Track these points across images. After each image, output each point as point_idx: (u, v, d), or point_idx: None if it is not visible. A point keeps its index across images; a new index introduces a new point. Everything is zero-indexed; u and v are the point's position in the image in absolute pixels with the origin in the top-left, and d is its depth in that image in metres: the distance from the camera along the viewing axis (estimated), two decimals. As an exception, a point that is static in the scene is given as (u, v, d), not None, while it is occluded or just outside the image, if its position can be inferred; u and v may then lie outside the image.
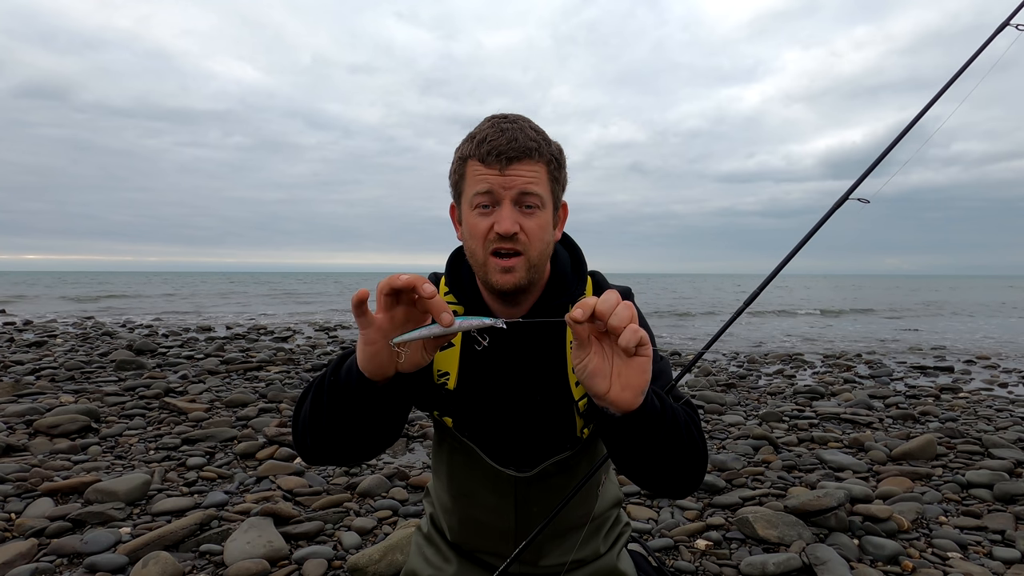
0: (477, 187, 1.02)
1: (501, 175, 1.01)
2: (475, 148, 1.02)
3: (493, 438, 1.17)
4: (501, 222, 1.01)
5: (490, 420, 1.16)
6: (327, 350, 9.83)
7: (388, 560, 2.43)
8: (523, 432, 1.15)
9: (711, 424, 5.14)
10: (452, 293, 1.18)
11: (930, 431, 4.79)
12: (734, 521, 2.94)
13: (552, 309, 1.14)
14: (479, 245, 1.04)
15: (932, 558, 2.64)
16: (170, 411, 5.17)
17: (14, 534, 2.75)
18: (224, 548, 2.60)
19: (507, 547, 1.22)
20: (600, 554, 1.30)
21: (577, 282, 1.18)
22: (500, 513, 1.21)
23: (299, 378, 7.04)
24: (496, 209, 1.02)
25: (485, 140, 1.01)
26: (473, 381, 1.15)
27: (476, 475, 1.20)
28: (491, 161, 1.01)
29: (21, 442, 4.10)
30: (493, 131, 1.02)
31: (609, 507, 1.33)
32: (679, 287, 53.34)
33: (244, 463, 3.91)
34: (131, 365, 7.42)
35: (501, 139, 1.01)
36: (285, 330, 13.50)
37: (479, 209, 1.03)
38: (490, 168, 1.01)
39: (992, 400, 6.33)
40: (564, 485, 1.18)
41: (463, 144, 1.07)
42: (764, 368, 8.85)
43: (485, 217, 1.03)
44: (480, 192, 1.02)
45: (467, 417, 1.17)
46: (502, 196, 1.01)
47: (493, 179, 1.01)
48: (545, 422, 1.14)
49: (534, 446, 1.15)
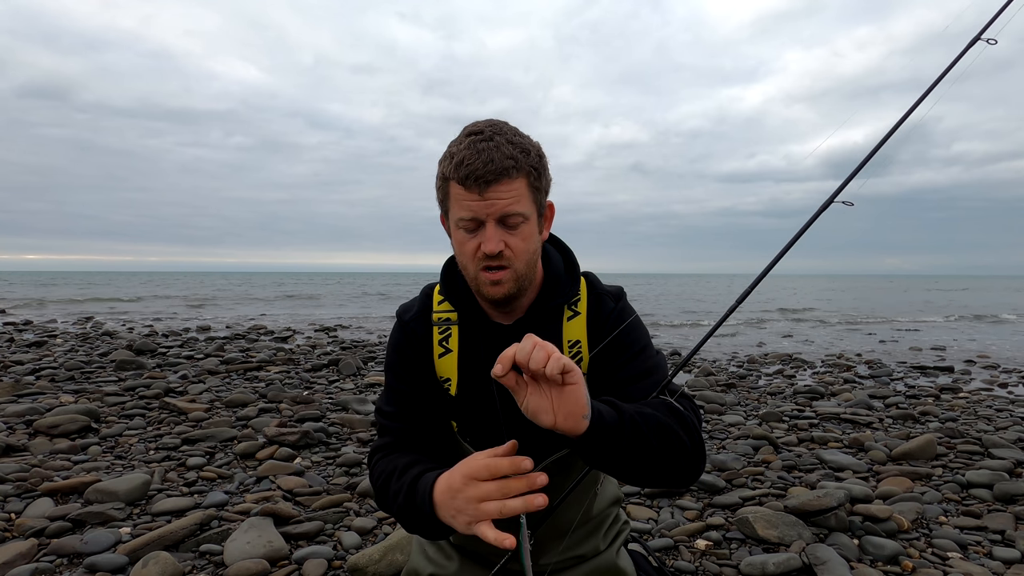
0: (461, 213, 1.05)
1: (482, 199, 1.03)
2: (454, 170, 1.04)
3: (494, 440, 1.17)
4: (486, 243, 1.04)
5: (491, 422, 1.17)
6: (327, 350, 9.83)
7: (388, 560, 2.43)
8: (522, 433, 1.15)
9: (711, 424, 5.15)
10: (447, 301, 1.20)
11: (930, 431, 4.79)
12: (734, 521, 2.94)
13: (547, 312, 1.16)
14: (469, 262, 1.08)
15: (932, 558, 2.64)
16: (170, 411, 5.17)
17: (14, 534, 2.76)
18: (224, 548, 2.60)
19: (510, 553, 1.23)
20: (600, 551, 1.32)
21: (571, 283, 1.19)
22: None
23: (299, 378, 7.05)
24: (481, 230, 1.05)
25: (463, 163, 1.02)
26: (473, 385, 1.17)
27: None
28: (470, 185, 1.02)
29: (21, 442, 4.10)
30: (470, 152, 1.02)
31: (608, 505, 1.35)
32: (691, 288, 52.93)
33: (244, 463, 3.91)
34: (131, 365, 7.42)
35: (477, 162, 1.01)
36: (285, 330, 13.51)
37: (465, 230, 1.06)
38: (470, 192, 1.03)
39: (992, 400, 6.33)
40: (562, 483, 1.20)
41: (443, 162, 1.07)
42: (764, 368, 8.85)
43: (472, 237, 1.07)
44: (464, 218, 1.05)
45: (469, 421, 1.19)
46: (485, 219, 1.04)
47: (475, 205, 1.03)
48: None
49: (533, 446, 1.16)
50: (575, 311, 1.18)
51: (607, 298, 1.20)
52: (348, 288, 46.72)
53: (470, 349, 1.16)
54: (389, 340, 1.25)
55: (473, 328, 1.17)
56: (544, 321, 1.16)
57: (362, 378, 7.25)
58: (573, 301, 1.18)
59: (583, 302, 1.19)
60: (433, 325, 1.19)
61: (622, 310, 1.19)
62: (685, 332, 15.22)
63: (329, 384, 6.85)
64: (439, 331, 1.18)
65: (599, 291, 1.21)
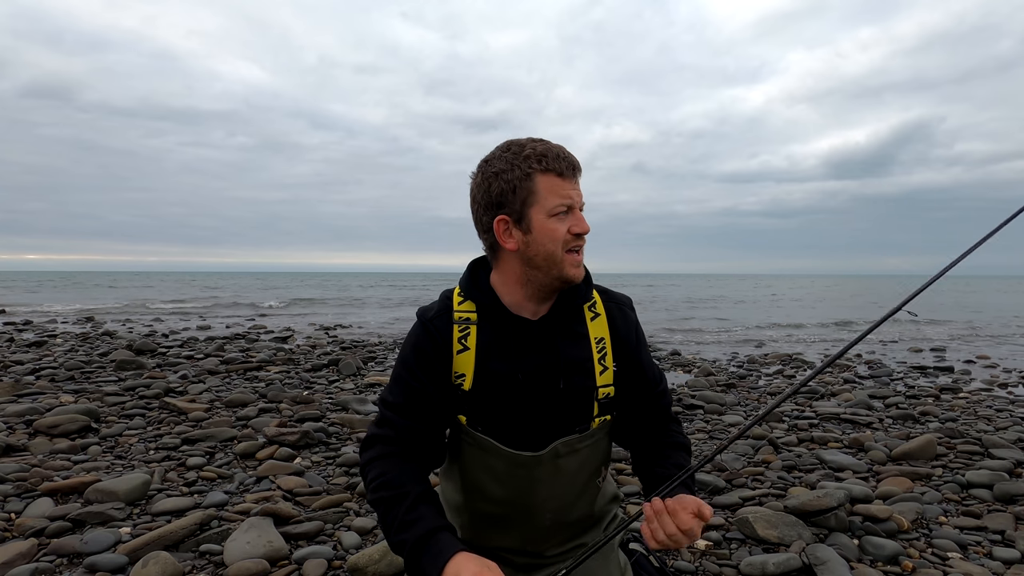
0: (557, 200, 1.16)
1: (575, 186, 1.19)
2: (545, 163, 1.16)
3: (508, 427, 1.25)
4: (581, 224, 1.19)
5: (506, 410, 1.24)
6: (327, 350, 9.83)
7: (388, 560, 2.43)
8: (539, 418, 1.24)
9: (711, 424, 5.15)
10: (468, 300, 1.27)
11: (930, 431, 4.79)
12: (734, 521, 2.94)
13: (569, 311, 1.27)
14: (558, 247, 1.18)
15: (932, 558, 2.64)
16: (170, 411, 5.17)
17: (14, 534, 2.76)
18: (224, 548, 2.60)
19: (517, 540, 1.32)
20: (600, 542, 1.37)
21: (587, 288, 1.30)
22: (511, 501, 1.28)
23: (299, 378, 7.05)
24: (569, 215, 1.19)
25: (554, 155, 1.16)
26: (489, 379, 1.24)
27: (488, 465, 1.27)
28: (567, 173, 1.17)
29: (21, 442, 4.10)
30: (548, 147, 1.17)
31: (608, 503, 1.43)
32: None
33: (244, 463, 3.91)
34: (131, 365, 7.42)
35: (564, 152, 1.17)
36: (285, 330, 13.51)
37: (558, 216, 1.17)
38: (566, 180, 1.17)
39: (992, 400, 6.33)
40: (570, 468, 1.27)
41: (516, 162, 1.17)
42: (764, 368, 8.85)
43: (563, 222, 1.18)
44: (563, 204, 1.17)
45: (481, 412, 1.25)
46: (575, 204, 1.19)
47: (573, 192, 1.18)
48: (563, 407, 1.25)
49: (547, 429, 1.25)
50: (595, 312, 1.30)
51: (626, 308, 1.34)
52: (348, 288, 46.59)
53: (490, 344, 1.24)
54: (408, 338, 1.30)
55: (497, 323, 1.25)
56: (568, 320, 1.27)
57: (362, 378, 7.25)
58: (591, 304, 1.30)
59: (599, 304, 1.31)
60: (454, 324, 1.26)
61: (637, 319, 1.36)
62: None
63: (329, 384, 6.85)
64: (459, 329, 1.25)
65: (615, 298, 1.34)
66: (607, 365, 1.27)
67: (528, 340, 1.23)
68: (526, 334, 1.23)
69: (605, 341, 1.28)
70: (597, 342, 1.27)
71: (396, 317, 19.13)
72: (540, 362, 1.23)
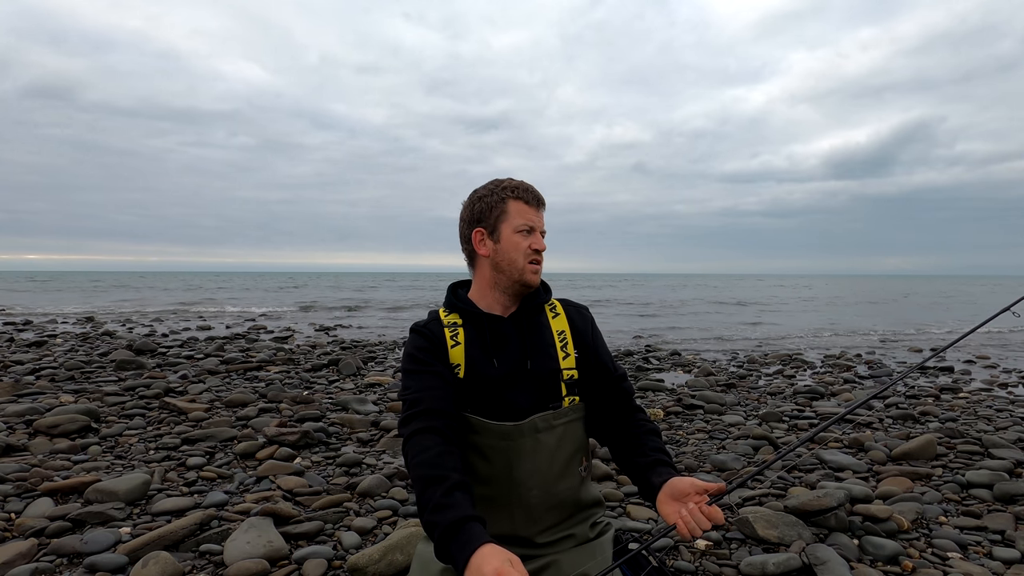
0: (522, 221, 1.49)
1: (537, 214, 1.52)
2: (517, 192, 1.50)
3: (491, 406, 1.45)
4: (539, 243, 1.51)
5: (488, 391, 1.45)
6: (327, 350, 9.84)
7: (388, 560, 2.43)
8: (515, 395, 1.46)
9: (711, 424, 5.15)
10: (453, 312, 1.53)
11: (930, 431, 4.79)
12: (734, 521, 2.94)
13: (532, 309, 1.55)
14: (520, 256, 1.48)
15: (932, 558, 2.64)
16: (170, 411, 5.18)
17: (14, 534, 2.76)
18: (224, 548, 2.60)
19: (507, 525, 1.45)
20: (589, 538, 1.55)
21: (546, 291, 1.59)
22: (496, 476, 1.43)
23: (299, 378, 7.05)
24: (532, 235, 1.50)
25: (524, 189, 1.50)
26: (475, 366, 1.47)
27: (475, 444, 1.44)
28: (532, 202, 1.51)
29: (21, 442, 4.10)
30: (522, 184, 1.52)
31: (591, 504, 1.58)
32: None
33: (244, 463, 3.91)
34: (131, 365, 7.42)
35: (533, 189, 1.52)
36: (285, 330, 13.51)
37: (522, 233, 1.48)
38: (530, 206, 1.51)
39: (992, 400, 6.33)
40: (549, 443, 1.46)
41: (495, 190, 1.50)
42: (764, 368, 8.85)
43: (525, 239, 1.49)
44: (525, 224, 1.49)
45: (470, 396, 1.45)
46: (537, 227, 1.51)
47: (534, 217, 1.51)
48: (534, 384, 1.48)
49: (524, 406, 1.45)
50: (556, 312, 1.58)
51: (583, 310, 1.63)
52: (348, 287, 46.55)
53: (474, 339, 1.49)
54: (407, 346, 1.51)
55: (476, 324, 1.51)
56: (532, 316, 1.54)
57: (362, 378, 7.25)
58: (550, 304, 1.59)
59: (559, 307, 1.60)
60: (444, 327, 1.51)
61: (593, 319, 1.63)
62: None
63: (329, 384, 6.85)
64: (449, 332, 1.50)
65: (573, 303, 1.63)
66: (569, 352, 1.52)
67: (501, 332, 1.50)
68: (499, 328, 1.50)
69: (566, 333, 1.55)
70: (559, 334, 1.54)
71: (396, 317, 19.12)
72: (511, 348, 1.49)
